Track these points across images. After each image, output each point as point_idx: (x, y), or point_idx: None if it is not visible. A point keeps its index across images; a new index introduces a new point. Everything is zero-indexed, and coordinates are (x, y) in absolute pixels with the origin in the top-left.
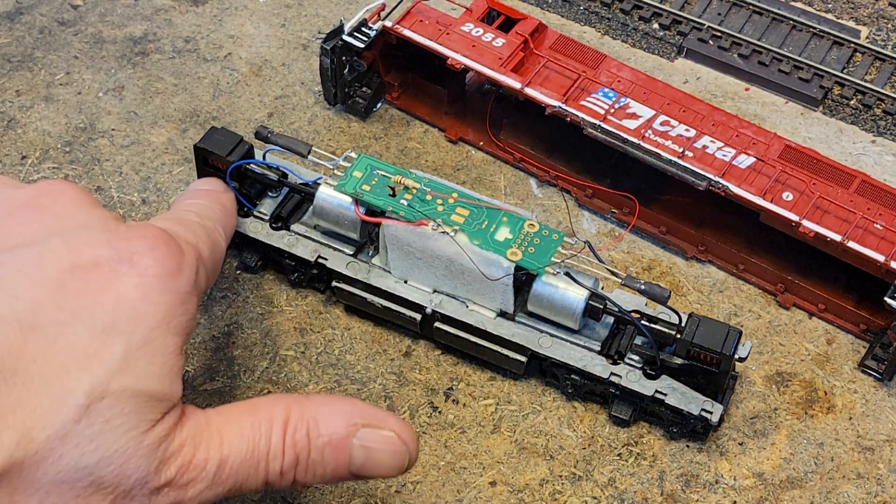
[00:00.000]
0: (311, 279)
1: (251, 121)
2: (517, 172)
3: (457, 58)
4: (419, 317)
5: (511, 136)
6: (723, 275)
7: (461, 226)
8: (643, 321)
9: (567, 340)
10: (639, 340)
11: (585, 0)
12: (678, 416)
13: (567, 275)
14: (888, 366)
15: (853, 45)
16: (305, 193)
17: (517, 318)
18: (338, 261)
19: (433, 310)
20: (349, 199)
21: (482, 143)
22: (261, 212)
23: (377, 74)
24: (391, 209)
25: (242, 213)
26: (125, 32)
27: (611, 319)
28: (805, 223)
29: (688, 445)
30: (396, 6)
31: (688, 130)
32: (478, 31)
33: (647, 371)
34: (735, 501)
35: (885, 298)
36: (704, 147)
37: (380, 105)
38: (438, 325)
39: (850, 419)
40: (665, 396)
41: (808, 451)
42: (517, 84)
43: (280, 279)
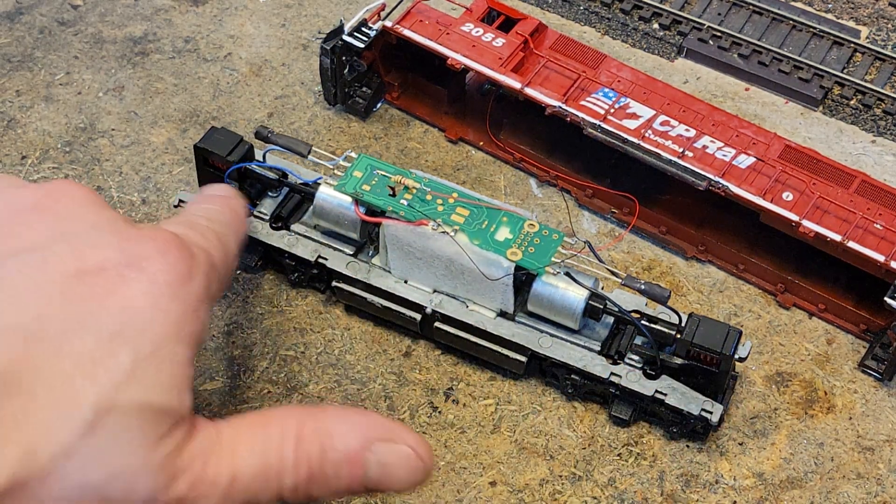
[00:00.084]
0: (311, 279)
1: (251, 121)
2: (517, 172)
3: (457, 58)
4: (419, 317)
5: (511, 136)
6: (723, 275)
7: (461, 226)
8: (643, 321)
9: (567, 340)
10: (639, 340)
11: (585, 0)
12: (678, 416)
13: (567, 275)
14: (888, 366)
15: (853, 45)
16: (305, 193)
17: (517, 318)
18: (338, 261)
19: (433, 310)
20: (349, 199)
21: (482, 143)
22: (261, 212)
23: (377, 74)
24: (391, 209)
25: None
26: (125, 32)
27: (611, 319)
28: (805, 223)
29: (688, 445)
30: (396, 6)
31: (688, 130)
32: (478, 31)
33: (647, 371)
34: (735, 501)
35: (885, 298)
36: (704, 147)
37: (380, 105)
38: (438, 325)
39: (850, 419)
40: (665, 396)
41: (808, 451)
42: (517, 84)
43: (280, 279)
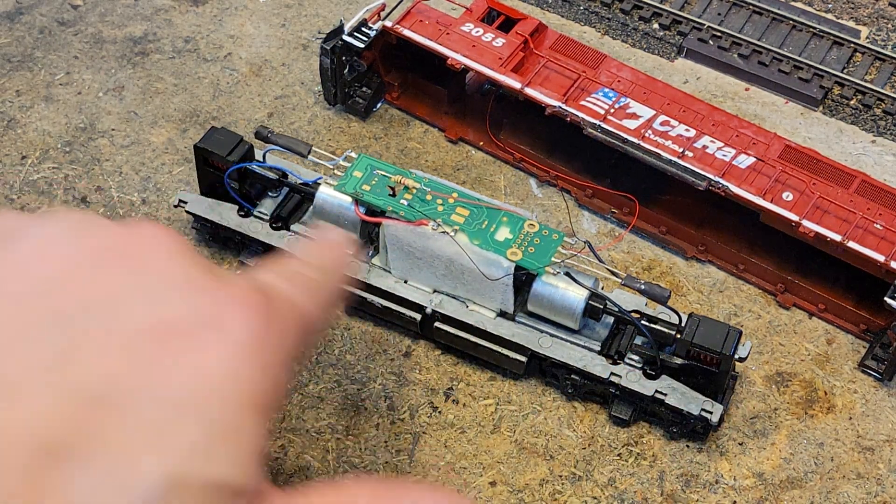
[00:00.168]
0: None
1: (251, 121)
2: (517, 172)
3: (457, 58)
4: (419, 317)
5: (511, 136)
6: (723, 275)
7: (461, 226)
8: (643, 321)
9: (567, 340)
10: (639, 340)
11: (585, 0)
12: (678, 416)
13: (567, 275)
14: (888, 366)
15: (853, 45)
16: (305, 193)
17: (517, 318)
18: None
19: (433, 310)
20: (349, 199)
21: (482, 143)
22: (261, 212)
23: (377, 74)
24: (391, 209)
25: (243, 214)
26: (125, 32)
27: (611, 319)
28: (805, 223)
29: (688, 445)
30: (396, 6)
31: (688, 130)
32: (478, 31)
33: (647, 371)
34: (735, 501)
35: (885, 298)
36: (704, 147)
37: (380, 105)
38: (438, 325)
39: (850, 419)
40: (665, 396)
41: (808, 451)
42: (517, 84)
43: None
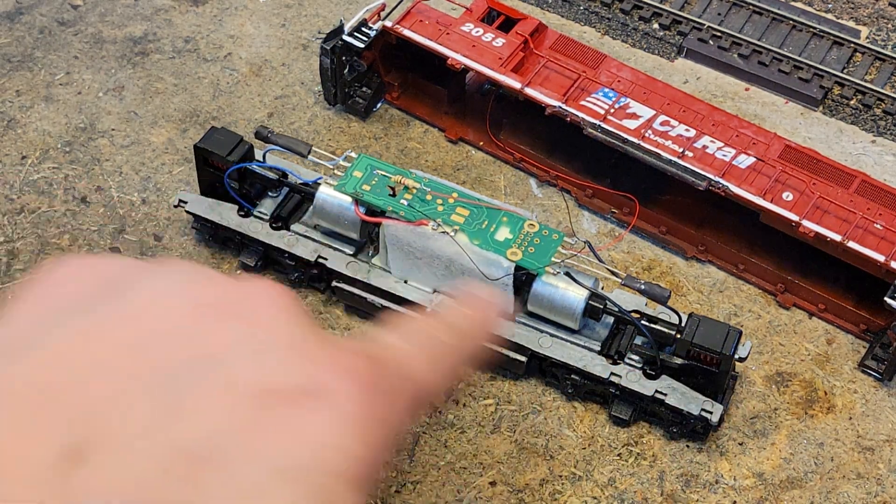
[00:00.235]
0: (311, 279)
1: (251, 121)
2: (517, 172)
3: (457, 58)
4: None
5: (511, 136)
6: (723, 275)
7: (461, 226)
8: (643, 321)
9: (567, 340)
10: (639, 340)
11: (585, 0)
12: (678, 416)
13: (567, 275)
14: (888, 366)
15: (853, 45)
16: (305, 193)
17: (517, 318)
18: (338, 261)
19: (433, 309)
20: (349, 199)
21: (482, 143)
22: (261, 212)
23: (377, 74)
24: (391, 209)
25: (242, 214)
26: (125, 32)
27: (611, 319)
28: (805, 223)
29: (688, 445)
30: (396, 6)
31: (688, 130)
32: (478, 31)
33: (647, 371)
34: (735, 501)
35: (885, 298)
36: (704, 147)
37: (380, 105)
38: None
39: (850, 419)
40: (665, 396)
41: (808, 451)
42: (517, 84)
43: (280, 279)
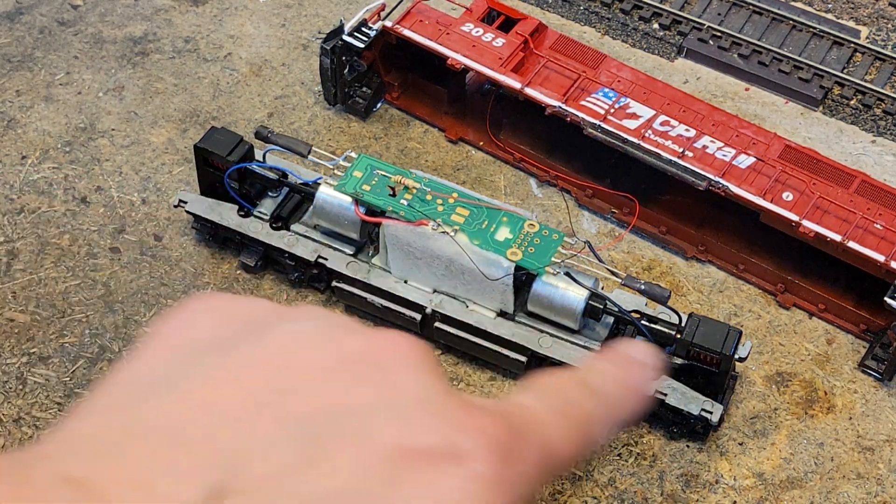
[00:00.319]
0: (311, 279)
1: (251, 121)
2: (517, 172)
3: (457, 58)
4: (419, 317)
5: (511, 136)
6: (723, 275)
7: (461, 226)
8: (643, 321)
9: (567, 340)
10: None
11: (585, 0)
12: (678, 416)
13: (567, 275)
14: (888, 366)
15: (853, 45)
16: (305, 193)
17: (517, 318)
18: (338, 261)
19: (433, 310)
20: (349, 199)
21: (482, 143)
22: (261, 212)
23: (377, 74)
24: (391, 209)
25: (242, 214)
26: (125, 32)
27: (611, 319)
28: (805, 223)
29: (688, 445)
30: (396, 6)
31: (688, 130)
32: (478, 31)
33: None
34: (735, 501)
35: (885, 298)
36: (704, 147)
37: (380, 105)
38: (438, 325)
39: (850, 419)
40: (665, 396)
41: (808, 451)
42: (517, 84)
43: (280, 279)
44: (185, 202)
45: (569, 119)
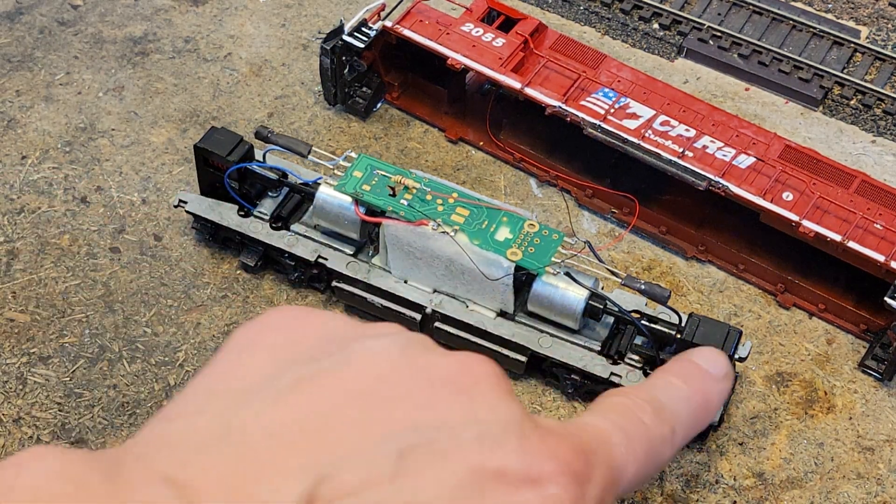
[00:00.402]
0: (311, 279)
1: (251, 121)
2: (517, 172)
3: (457, 58)
4: (419, 317)
5: (511, 136)
6: (723, 275)
7: (461, 226)
8: (643, 321)
9: (567, 340)
10: (639, 340)
11: (585, 0)
12: None
13: (567, 275)
14: (888, 366)
15: (853, 45)
16: (305, 193)
17: (517, 318)
18: (338, 261)
19: (433, 310)
20: (349, 199)
21: (482, 143)
22: (261, 212)
23: (377, 74)
24: (391, 209)
25: (243, 214)
26: (125, 32)
27: (611, 319)
28: (805, 223)
29: (688, 445)
30: (396, 6)
31: (688, 130)
32: (478, 31)
33: (648, 371)
34: (735, 501)
35: (885, 298)
36: (704, 147)
37: (380, 105)
38: (438, 325)
39: (850, 419)
40: None
41: (808, 451)
42: (517, 84)
43: (280, 279)
44: (185, 202)
45: (569, 119)
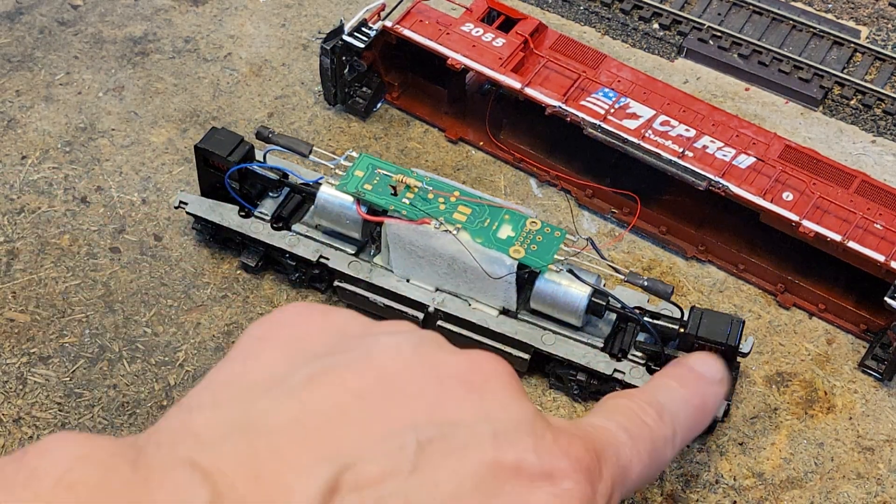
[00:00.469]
0: (313, 279)
1: (251, 121)
2: (517, 172)
3: (457, 58)
4: (422, 315)
5: (511, 136)
6: (723, 275)
7: (463, 224)
8: (646, 317)
9: (570, 337)
10: (642, 337)
11: (585, 0)
12: None
13: (570, 272)
14: (888, 366)
15: (853, 45)
16: (306, 193)
17: (520, 316)
18: (340, 260)
19: (436, 308)
20: (351, 199)
21: (482, 143)
22: (262, 212)
23: (377, 74)
24: (393, 208)
25: (243, 214)
26: (125, 32)
27: (613, 316)
28: (805, 223)
29: (688, 445)
30: (396, 6)
31: (688, 130)
32: (478, 31)
33: (651, 367)
34: (735, 501)
35: (885, 298)
36: (704, 147)
37: (380, 105)
38: (441, 324)
39: (850, 419)
40: None
41: (808, 451)
42: (517, 84)
43: (280, 279)
44: (186, 203)
45: (569, 119)
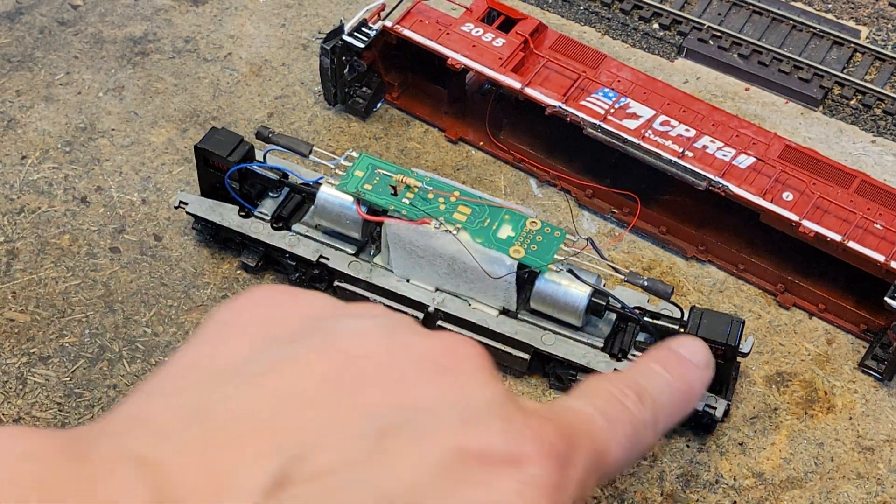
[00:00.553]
0: (313, 279)
1: (251, 121)
2: (517, 172)
3: (457, 58)
4: (422, 315)
5: (511, 136)
6: (723, 275)
7: (463, 224)
8: (646, 317)
9: (570, 337)
10: (641, 337)
11: (585, 0)
12: None
13: (570, 272)
14: (888, 366)
15: (853, 45)
16: (306, 193)
17: (520, 316)
18: (340, 260)
19: (436, 308)
20: (351, 199)
21: (482, 143)
22: (262, 212)
23: (377, 74)
24: (393, 208)
25: (243, 214)
26: (125, 32)
27: (613, 316)
28: (805, 223)
29: (688, 445)
30: (396, 6)
31: (688, 130)
32: (478, 31)
33: None
34: (735, 501)
35: (885, 298)
36: (704, 147)
37: (380, 105)
38: (441, 324)
39: (850, 419)
40: None
41: (808, 451)
42: (517, 84)
43: (280, 279)
44: (186, 203)
45: (569, 119)
